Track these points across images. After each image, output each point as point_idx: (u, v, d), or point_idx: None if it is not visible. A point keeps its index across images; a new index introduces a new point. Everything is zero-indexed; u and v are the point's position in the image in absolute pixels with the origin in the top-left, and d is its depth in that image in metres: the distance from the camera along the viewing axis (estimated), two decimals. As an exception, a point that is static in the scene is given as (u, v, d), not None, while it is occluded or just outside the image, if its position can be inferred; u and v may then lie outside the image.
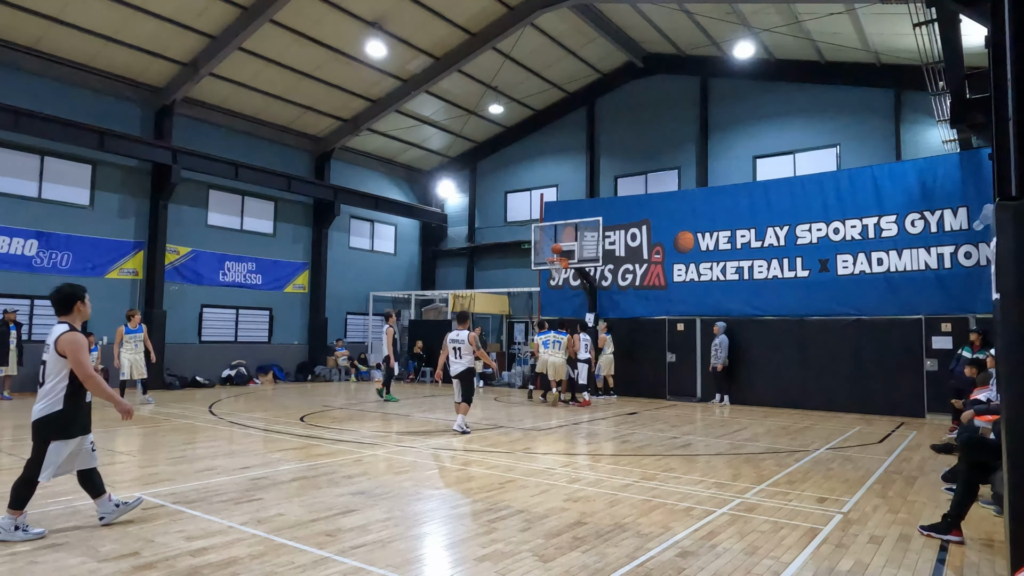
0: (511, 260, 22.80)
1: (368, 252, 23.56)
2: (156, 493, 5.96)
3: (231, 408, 12.93)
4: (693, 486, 6.60)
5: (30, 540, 4.54)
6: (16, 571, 3.96)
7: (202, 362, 18.12)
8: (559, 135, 22.62)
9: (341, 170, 22.36)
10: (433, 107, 21.26)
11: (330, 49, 17.37)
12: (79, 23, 14.67)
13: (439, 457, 8.01)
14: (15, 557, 4.21)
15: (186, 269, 18.02)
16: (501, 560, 4.28)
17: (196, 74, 16.66)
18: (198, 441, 9.02)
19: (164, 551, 4.37)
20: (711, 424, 11.48)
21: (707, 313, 15.73)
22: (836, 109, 17.51)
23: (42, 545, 4.46)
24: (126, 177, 16.97)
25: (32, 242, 15.13)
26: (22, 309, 14.79)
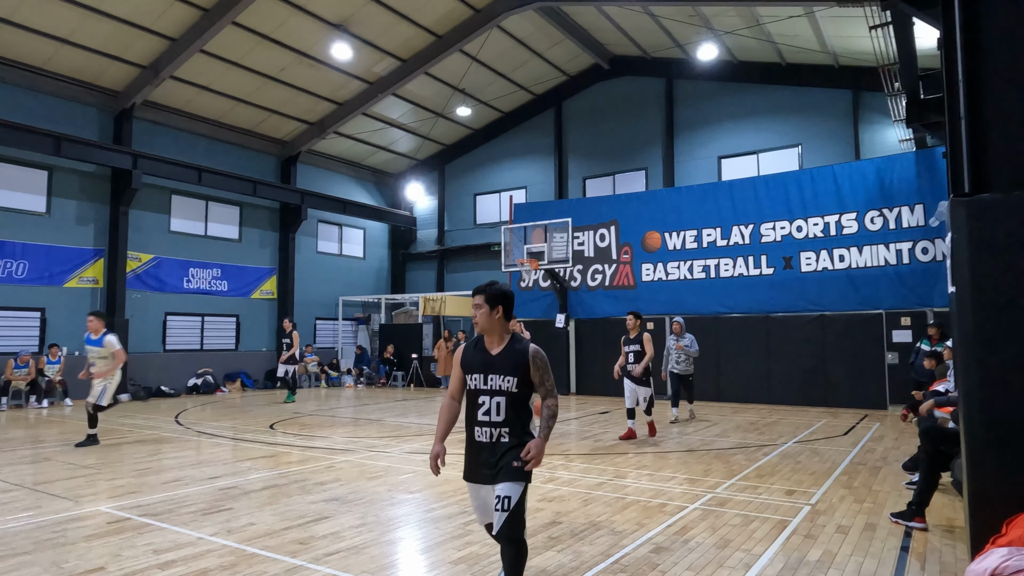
0: (481, 262, 22.78)
1: (337, 256, 23.31)
2: (121, 506, 5.81)
3: (198, 417, 12.68)
4: (665, 483, 6.68)
5: (-11, 558, 4.40)
6: (-25, 591, 3.83)
7: (167, 371, 17.71)
8: (527, 137, 22.68)
9: (308, 174, 22.09)
10: (400, 110, 21.14)
11: (294, 51, 17.15)
12: (33, 25, 14.23)
13: (412, 461, 7.97)
14: (-27, 577, 4.07)
15: (149, 276, 17.59)
16: (477, 562, 4.28)
17: (156, 77, 16.29)
18: (164, 452, 8.82)
19: (131, 565, 4.27)
20: (682, 422, 11.62)
21: (676, 312, 15.92)
22: (797, 110, 17.89)
23: (4, 562, 4.32)
24: (84, 183, 16.51)
25: (-15, 251, 14.62)
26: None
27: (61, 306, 15.92)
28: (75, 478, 7.05)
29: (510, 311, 3.47)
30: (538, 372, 3.37)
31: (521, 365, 3.34)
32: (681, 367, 11.42)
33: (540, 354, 3.40)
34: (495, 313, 3.41)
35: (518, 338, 3.45)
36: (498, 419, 3.35)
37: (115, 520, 5.35)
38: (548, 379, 3.41)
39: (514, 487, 3.28)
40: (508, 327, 3.47)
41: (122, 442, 9.62)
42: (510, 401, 3.34)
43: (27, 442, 9.68)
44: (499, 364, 3.36)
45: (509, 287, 3.60)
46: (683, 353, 11.38)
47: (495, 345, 3.43)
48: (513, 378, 3.33)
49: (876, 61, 12.85)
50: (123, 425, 11.51)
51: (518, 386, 3.33)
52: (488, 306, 3.41)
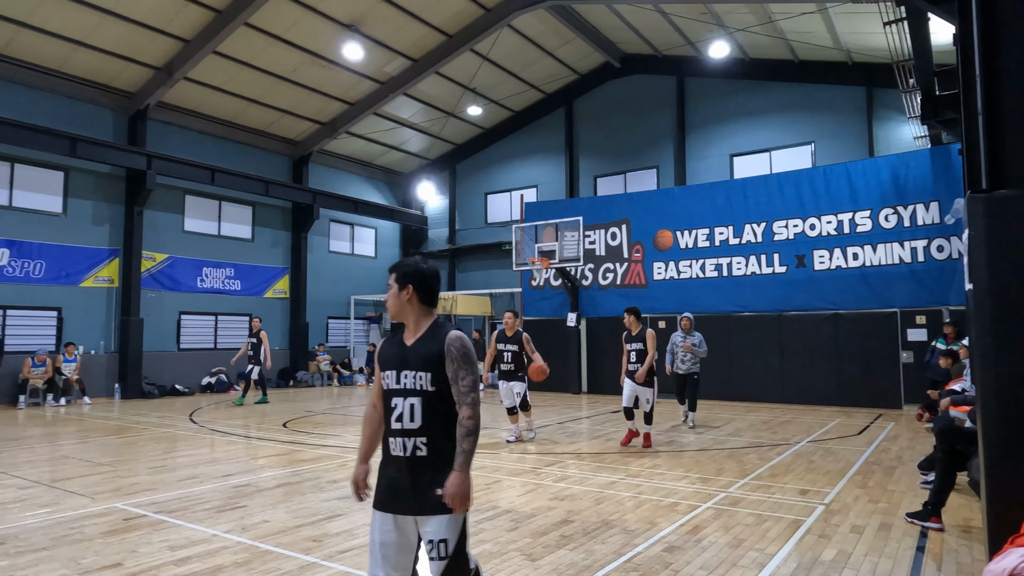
0: (492, 261, 22.80)
1: (348, 256, 23.41)
2: (138, 503, 5.87)
3: (212, 416, 12.78)
4: (678, 482, 6.66)
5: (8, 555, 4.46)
6: (-5, 586, 3.89)
7: (181, 370, 17.87)
8: (538, 136, 22.67)
9: (320, 174, 22.20)
10: (411, 109, 21.20)
11: (306, 52, 17.24)
12: (49, 27, 14.40)
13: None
14: (-7, 572, 4.13)
15: (163, 276, 17.76)
16: (490, 560, 4.29)
17: (170, 78, 16.43)
18: (179, 450, 8.90)
19: (148, 561, 4.31)
20: (679, 427, 11.55)
21: (687, 310, 15.80)
22: (810, 107, 17.76)
23: (22, 558, 4.38)
24: (100, 184, 16.69)
25: (3, 251, 14.80)
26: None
27: (77, 305, 16.10)
28: (92, 475, 7.13)
29: (429, 293, 2.80)
30: (452, 364, 2.64)
31: (435, 357, 2.66)
32: (686, 366, 10.72)
33: (459, 341, 2.68)
34: (405, 294, 2.76)
35: (440, 324, 2.78)
36: (412, 426, 2.63)
37: (131, 517, 5.41)
38: (465, 376, 2.63)
39: (449, 525, 2.57)
40: (429, 312, 2.80)
41: (137, 440, 9.72)
42: (426, 402, 2.64)
43: (45, 440, 9.80)
44: (412, 357, 2.70)
45: (432, 265, 2.88)
46: (690, 352, 10.65)
47: (410, 335, 2.77)
48: (426, 374, 2.65)
49: (890, 57, 12.73)
50: (138, 423, 11.62)
51: (434, 383, 2.65)
52: (397, 286, 2.79)
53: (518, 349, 9.26)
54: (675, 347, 10.93)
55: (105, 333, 16.58)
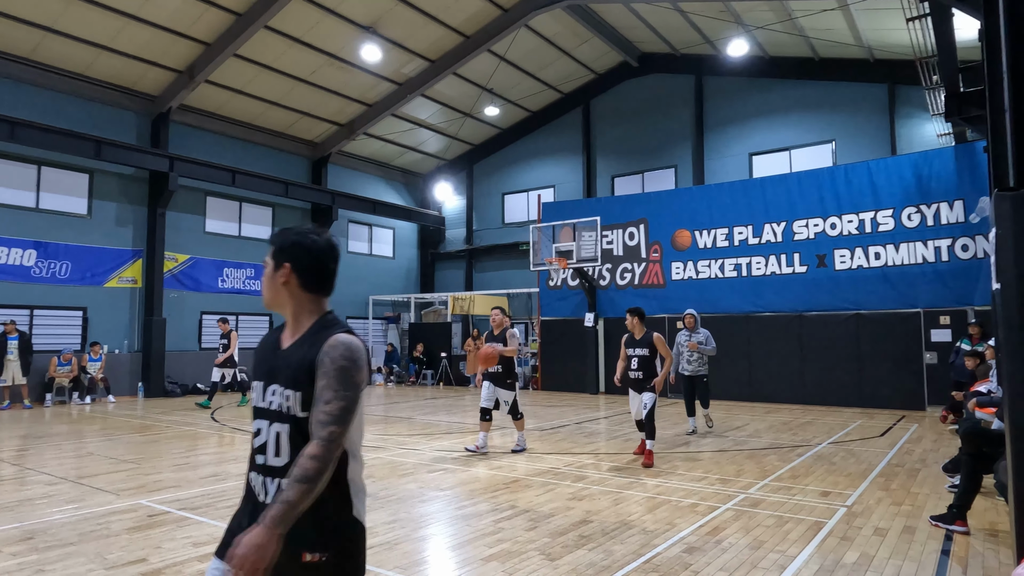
0: (510, 261, 22.82)
1: (367, 256, 23.56)
2: (161, 500, 5.96)
3: (233, 414, 12.93)
4: (697, 483, 6.62)
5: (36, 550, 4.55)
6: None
7: (203, 369, 18.08)
8: (555, 136, 22.65)
9: (338, 175, 22.37)
10: (429, 110, 21.28)
11: (325, 54, 17.39)
12: (74, 32, 14.67)
13: (442, 459, 8.02)
14: (23, 565, 4.21)
15: (185, 276, 18.00)
16: (508, 559, 4.30)
17: (191, 81, 16.66)
18: (200, 448, 9.02)
19: (172, 557, 4.38)
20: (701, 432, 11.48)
21: (706, 310, 15.77)
22: (831, 105, 17.56)
23: (51, 552, 4.46)
24: (123, 185, 16.96)
25: (31, 252, 15.10)
26: (22, 319, 14.76)
27: (102, 305, 16.37)
28: (117, 472, 7.25)
29: (317, 276, 2.05)
30: (321, 380, 1.88)
31: (306, 369, 1.91)
32: (692, 367, 9.93)
33: (341, 350, 1.90)
34: (281, 276, 2.03)
35: (328, 324, 2.01)
36: (276, 462, 1.93)
37: (155, 513, 5.50)
38: (332, 399, 1.86)
39: None
40: (314, 304, 2.05)
41: (160, 438, 9.86)
42: (295, 433, 1.92)
43: (71, 437, 9.98)
44: (282, 366, 1.98)
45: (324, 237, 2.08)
46: (696, 352, 9.91)
47: (288, 334, 2.05)
48: (295, 393, 1.92)
49: (913, 54, 12.54)
50: (160, 421, 11.79)
51: (306, 406, 1.91)
52: (272, 263, 2.07)
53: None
54: (680, 347, 10.12)
55: (129, 333, 16.85)
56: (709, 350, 9.98)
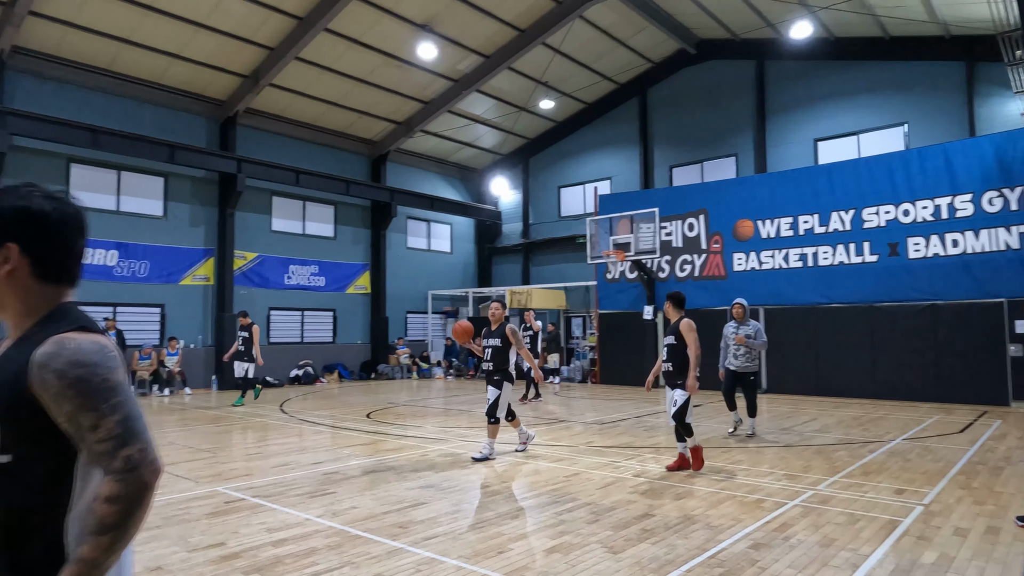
0: (566, 255, 22.75)
1: (425, 252, 23.94)
2: (237, 487, 6.24)
3: (300, 406, 13.39)
4: (762, 478, 6.47)
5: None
6: (116, 559, 4.23)
7: (271, 362, 18.77)
8: (611, 127, 22.41)
9: (397, 172, 22.78)
10: (484, 105, 21.40)
11: (382, 54, 17.70)
12: (148, 43, 15.41)
13: (502, 451, 8.10)
14: (114, 547, 4.49)
15: (253, 273, 18.73)
16: (570, 551, 4.31)
17: (256, 85, 17.26)
18: (271, 438, 9.39)
19: (248, 541, 4.58)
20: (777, 416, 11.20)
21: (770, 302, 15.35)
22: (902, 86, 16.74)
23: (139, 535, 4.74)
24: (195, 187, 17.75)
25: (113, 252, 16.02)
26: (106, 316, 15.66)
27: (178, 302, 17.21)
28: (195, 461, 7.62)
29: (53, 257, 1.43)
30: (61, 404, 1.30)
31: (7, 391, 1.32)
32: (740, 362, 9.01)
33: (61, 358, 1.31)
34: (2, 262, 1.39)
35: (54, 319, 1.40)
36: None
37: (231, 500, 5.76)
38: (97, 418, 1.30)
39: None
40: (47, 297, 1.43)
41: (233, 428, 10.31)
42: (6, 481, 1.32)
43: (152, 427, 10.50)
44: None
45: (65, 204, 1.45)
46: (744, 346, 8.95)
47: (8, 340, 1.45)
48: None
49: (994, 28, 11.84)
50: (233, 413, 12.32)
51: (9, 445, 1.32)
52: None
53: (501, 344, 7.72)
54: (726, 340, 9.23)
55: (203, 328, 17.66)
56: (759, 344, 8.98)
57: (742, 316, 9.15)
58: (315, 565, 4.09)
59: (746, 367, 8.97)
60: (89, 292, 15.64)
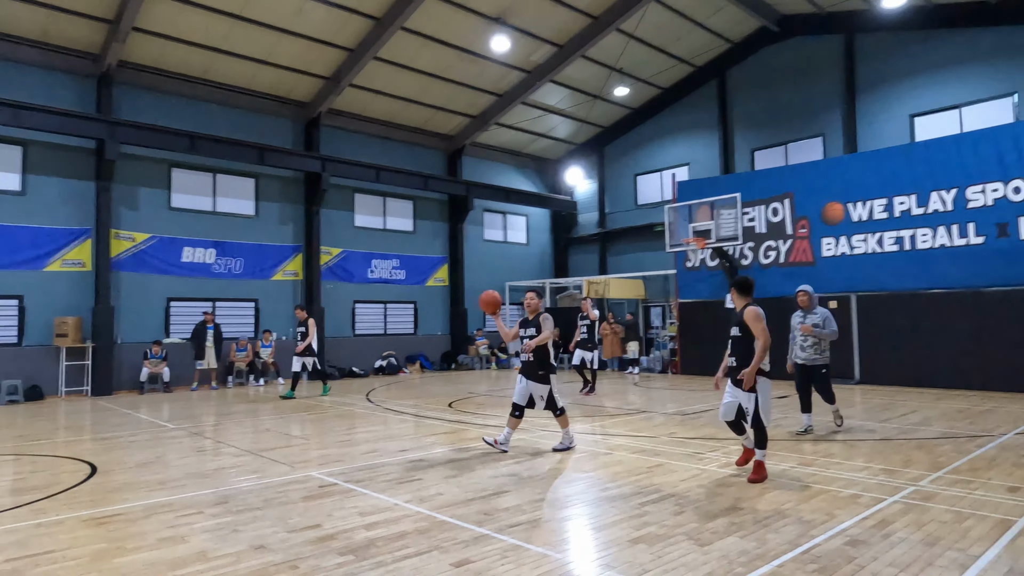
0: (644, 243, 22.40)
1: (501, 243, 24.14)
2: (329, 472, 6.54)
3: (385, 396, 13.84)
4: (857, 472, 6.19)
5: (250, 509, 5.17)
6: (222, 536, 4.53)
7: (356, 354, 19.52)
8: (689, 112, 21.83)
9: (472, 165, 23.05)
10: (558, 96, 21.30)
11: (457, 49, 17.93)
12: (238, 51, 16.23)
13: (583, 441, 8.10)
14: (221, 525, 4.81)
15: (338, 268, 19.47)
16: (655, 543, 4.28)
17: (338, 86, 17.86)
18: (359, 426, 9.76)
19: (342, 524, 4.80)
20: (873, 408, 10.65)
21: (862, 288, 14.59)
22: (1012, 52, 15.44)
23: (243, 515, 5.06)
24: (283, 187, 18.60)
25: (211, 251, 17.04)
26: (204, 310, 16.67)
27: (270, 297, 18.13)
28: (290, 447, 8.03)
29: None
30: None
31: None
32: (807, 354, 8.32)
33: None
34: None
35: None
36: None
37: (325, 485, 6.04)
38: None
39: None
40: None
41: (324, 417, 10.78)
42: None
43: (249, 415, 11.18)
44: None
45: None
46: (811, 336, 8.28)
47: None
48: None
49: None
50: (323, 402, 12.88)
51: None
52: None
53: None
54: (793, 330, 8.58)
55: (293, 321, 18.50)
56: (827, 334, 8.24)
57: (808, 304, 8.49)
58: (406, 548, 4.24)
59: (814, 360, 8.31)
60: (191, 288, 16.72)
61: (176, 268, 16.50)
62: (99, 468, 6.94)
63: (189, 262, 16.71)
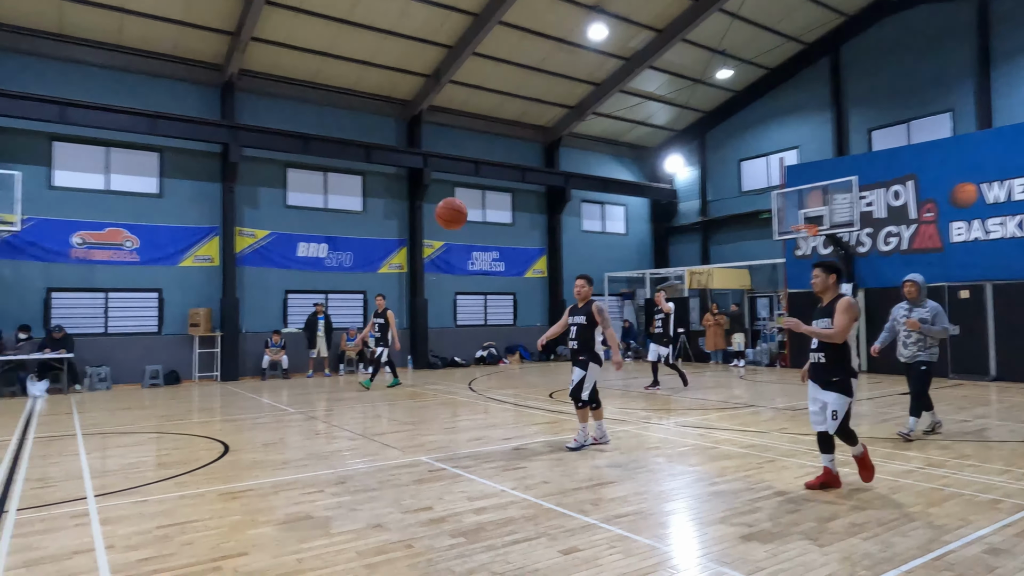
0: (749, 231, 21.53)
1: (600, 234, 23.95)
2: (437, 458, 6.78)
3: (487, 385, 14.13)
4: (996, 476, 5.71)
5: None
6: (342, 514, 4.82)
7: (458, 344, 20.03)
8: (797, 92, 20.70)
9: (569, 156, 22.98)
10: (657, 82, 20.81)
11: (554, 40, 17.90)
12: (345, 54, 16.98)
13: (688, 434, 7.94)
14: (341, 504, 5.11)
15: (440, 261, 20.03)
16: (769, 540, 4.15)
17: (438, 83, 18.31)
18: (462, 414, 10.03)
19: (452, 507, 4.97)
20: (1013, 407, 9.75)
21: (999, 277, 13.35)
22: None
23: (360, 495, 5.35)
24: (388, 183, 19.33)
25: (323, 245, 18.02)
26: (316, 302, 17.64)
27: (377, 289, 18.87)
28: (399, 432, 8.38)
29: None
30: None
31: None
32: (910, 352, 7.52)
33: None
34: None
35: None
36: None
37: (434, 469, 6.27)
38: None
39: None
40: None
41: (429, 404, 11.17)
42: None
43: (360, 401, 11.75)
44: None
45: None
46: (917, 332, 7.42)
47: None
48: None
49: None
50: (428, 390, 13.33)
51: None
52: None
53: (586, 323, 7.15)
54: (895, 323, 7.76)
55: (398, 312, 19.26)
56: (937, 331, 7.33)
57: (916, 296, 7.58)
58: (514, 533, 4.34)
59: (916, 356, 7.48)
60: (305, 281, 17.74)
61: (292, 262, 17.57)
62: (231, 447, 7.54)
63: (304, 256, 17.75)
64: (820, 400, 5.39)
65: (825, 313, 5.44)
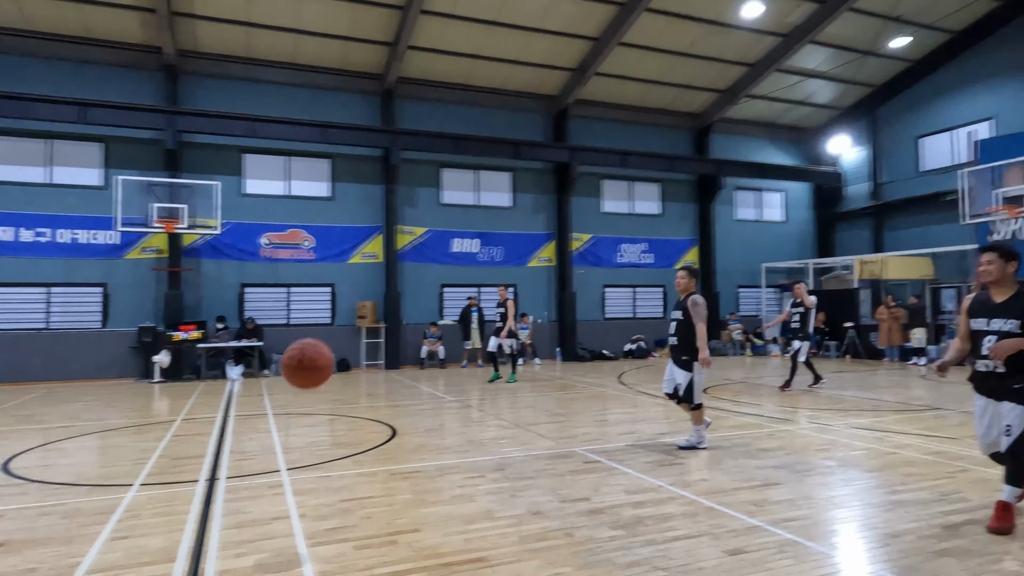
0: (929, 215, 19.37)
1: (755, 222, 22.72)
2: (591, 450, 6.82)
3: (636, 379, 13.96)
4: None
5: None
6: (503, 500, 5.00)
7: (606, 337, 19.96)
8: (990, 56, 18.24)
9: (721, 142, 21.99)
10: (819, 57, 19.29)
11: (703, 22, 17.20)
12: (494, 55, 17.50)
13: (862, 438, 7.34)
14: (502, 489, 5.32)
15: (588, 254, 20.06)
16: (967, 558, 3.74)
17: (584, 77, 18.30)
18: (612, 407, 10.00)
19: (609, 500, 4.99)
20: None
21: None
22: None
23: (519, 482, 5.53)
24: (536, 178, 19.66)
25: (476, 241, 18.75)
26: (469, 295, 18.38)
27: (527, 282, 19.41)
28: (551, 423, 8.54)
29: None
30: None
31: None
32: None
33: None
34: None
35: None
36: None
37: (589, 461, 6.32)
38: None
39: None
40: None
41: (579, 397, 11.25)
42: None
43: (512, 391, 12.07)
44: None
45: None
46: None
47: None
48: None
49: None
50: (577, 382, 13.43)
51: None
52: None
53: (683, 317, 6.76)
54: None
55: (548, 305, 19.57)
56: None
57: None
58: (675, 530, 4.27)
59: None
60: (459, 275, 18.56)
61: (447, 257, 18.46)
62: (398, 431, 8.10)
63: (458, 252, 18.58)
64: (997, 414, 4.36)
65: (1005, 312, 4.32)
